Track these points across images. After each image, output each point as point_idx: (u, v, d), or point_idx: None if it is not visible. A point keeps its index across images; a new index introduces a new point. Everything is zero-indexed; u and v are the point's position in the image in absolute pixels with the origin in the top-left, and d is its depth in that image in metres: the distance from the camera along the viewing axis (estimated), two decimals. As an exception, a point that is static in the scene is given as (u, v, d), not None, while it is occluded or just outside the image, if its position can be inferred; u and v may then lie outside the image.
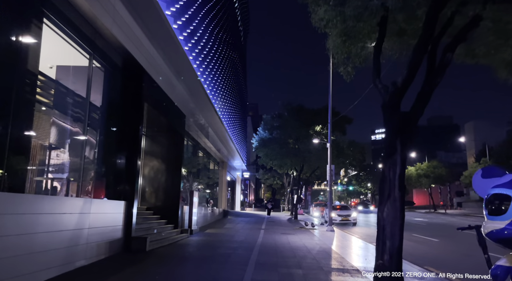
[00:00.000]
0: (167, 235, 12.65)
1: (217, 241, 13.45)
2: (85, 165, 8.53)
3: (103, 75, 8.95)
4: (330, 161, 19.61)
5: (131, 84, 10.03)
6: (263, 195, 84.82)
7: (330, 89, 19.41)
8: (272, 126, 29.11)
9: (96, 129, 8.96)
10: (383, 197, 6.06)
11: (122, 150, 9.83)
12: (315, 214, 36.98)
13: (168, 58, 12.05)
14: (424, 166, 61.20)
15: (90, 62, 8.11)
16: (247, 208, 51.67)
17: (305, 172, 32.61)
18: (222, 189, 31.93)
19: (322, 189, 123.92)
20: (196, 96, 16.33)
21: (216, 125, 22.32)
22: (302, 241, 13.74)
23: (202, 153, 23.42)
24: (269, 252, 10.60)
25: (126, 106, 9.93)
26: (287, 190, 50.22)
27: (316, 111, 28.48)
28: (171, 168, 14.79)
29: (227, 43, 28.99)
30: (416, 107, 6.05)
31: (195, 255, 9.97)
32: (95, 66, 8.55)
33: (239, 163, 41.39)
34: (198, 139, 20.94)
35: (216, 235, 15.66)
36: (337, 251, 11.31)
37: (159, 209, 14.44)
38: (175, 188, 14.62)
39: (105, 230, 8.36)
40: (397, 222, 5.90)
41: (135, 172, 9.84)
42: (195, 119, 18.00)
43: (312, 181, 47.28)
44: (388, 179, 5.99)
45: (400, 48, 7.59)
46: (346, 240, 15.37)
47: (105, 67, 9.06)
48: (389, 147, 6.03)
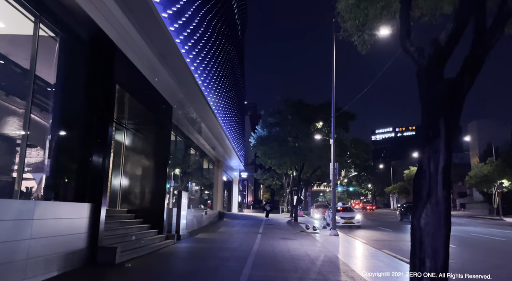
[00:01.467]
0: (149, 242, 10.95)
1: (207, 248, 11.76)
2: (30, 158, 6.81)
3: (57, 46, 7.25)
4: (333, 159, 17.93)
5: (98, 61, 8.34)
6: (262, 196, 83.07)
7: (333, 74, 17.69)
8: (270, 123, 27.40)
9: (46, 111, 7.25)
10: (419, 199, 4.39)
11: (87, 140, 8.14)
12: (316, 216, 35.28)
13: (148, 37, 10.37)
14: (427, 166, 59.60)
15: (36, 27, 6.41)
16: (245, 209, 49.94)
17: (305, 172, 30.92)
18: (217, 189, 30.23)
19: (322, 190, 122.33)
20: (186, 85, 14.65)
21: (210, 120, 20.63)
22: (304, 248, 12.06)
23: (194, 151, 21.72)
24: (265, 263, 8.92)
25: (91, 87, 8.25)
26: (286, 191, 48.52)
27: (317, 107, 26.81)
28: (157, 166, 13.11)
29: (223, 33, 27.29)
30: (464, 73, 4.38)
31: (175, 269, 8.27)
32: (46, 34, 6.87)
33: (236, 162, 39.69)
34: (189, 135, 19.25)
35: (207, 241, 13.97)
36: (346, 261, 9.62)
37: (142, 212, 12.76)
38: (161, 189, 12.94)
39: (58, 240, 6.67)
40: (441, 233, 4.23)
41: (103, 168, 8.14)
42: (185, 112, 16.31)
43: (313, 182, 45.61)
44: (427, 173, 4.32)
45: (432, 7, 5.94)
46: (353, 247, 13.68)
47: (61, 36, 7.36)
48: (428, 129, 4.35)
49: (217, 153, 27.87)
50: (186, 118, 17.00)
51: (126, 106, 12.71)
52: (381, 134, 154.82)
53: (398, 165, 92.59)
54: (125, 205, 13.00)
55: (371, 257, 10.74)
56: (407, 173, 64.16)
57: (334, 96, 18.01)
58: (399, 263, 9.59)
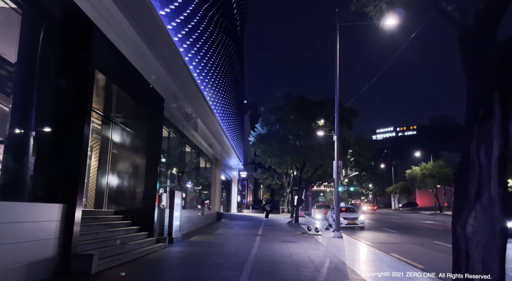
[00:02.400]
0: (135, 246, 9.91)
1: (200, 253, 10.72)
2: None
3: (20, 20, 6.19)
4: (337, 156, 16.89)
5: (73, 42, 7.30)
6: (262, 196, 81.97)
7: (337, 64, 16.62)
8: (270, 120, 26.31)
9: (6, 95, 6.20)
10: (465, 199, 3.35)
11: (60, 133, 7.10)
12: (318, 217, 34.23)
13: (134, 19, 9.34)
14: (430, 166, 58.57)
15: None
16: (245, 209, 48.86)
17: (306, 171, 29.87)
18: (215, 189, 29.14)
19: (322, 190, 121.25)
20: (179, 77, 13.61)
21: (207, 116, 19.58)
22: (307, 253, 11.02)
23: (190, 148, 20.65)
24: (264, 271, 7.89)
25: (64, 71, 7.21)
26: (286, 190, 47.47)
27: (319, 103, 25.73)
28: (147, 163, 12.08)
29: (221, 26, 26.20)
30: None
31: (160, 279, 7.22)
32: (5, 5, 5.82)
33: (235, 161, 38.62)
34: (185, 131, 18.20)
35: (201, 244, 12.93)
36: (355, 269, 8.59)
37: (131, 213, 11.74)
38: (151, 188, 11.90)
39: (19, 248, 5.63)
40: (496, 244, 3.20)
41: (79, 164, 7.09)
42: (179, 106, 15.27)
43: (314, 181, 44.54)
44: (476, 165, 3.28)
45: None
46: (361, 251, 12.64)
47: (26, 9, 6.30)
48: (478, 107, 3.32)
49: (215, 151, 26.81)
50: (181, 113, 15.96)
51: (114, 97, 11.68)
52: (382, 134, 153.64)
53: (399, 165, 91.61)
54: (113, 205, 11.97)
55: (380, 262, 9.70)
56: (409, 173, 63.01)
57: (337, 87, 16.97)
58: (412, 269, 8.57)
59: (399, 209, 78.64)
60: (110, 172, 12.10)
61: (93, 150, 12.81)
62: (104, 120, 12.17)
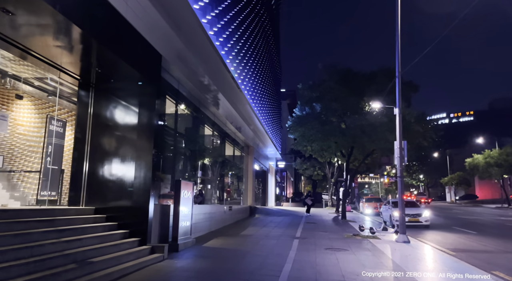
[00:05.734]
0: (111, 262, 6.65)
1: (209, 271, 7.28)
2: None
3: None
4: (400, 134, 12.74)
5: None
6: (303, 188, 77.84)
7: (398, 15, 12.36)
8: (310, 98, 22.26)
9: None
10: None
11: None
12: (367, 212, 29.76)
13: None
14: (495, 154, 51.35)
15: None
16: (284, 203, 45.17)
17: (352, 160, 25.58)
18: (248, 180, 25.69)
19: (367, 182, 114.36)
20: (185, 30, 10.17)
21: (231, 90, 16.07)
22: (368, 271, 7.23)
23: (211, 130, 17.28)
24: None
25: None
26: (330, 182, 43.16)
27: (369, 76, 21.29)
28: (139, 145, 8.81)
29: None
30: None
31: None
32: None
33: (272, 150, 34.93)
34: (201, 107, 14.84)
35: (216, 253, 9.50)
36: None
37: (118, 212, 8.58)
38: (144, 179, 8.61)
39: None
40: None
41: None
42: (189, 71, 11.83)
43: (362, 171, 39.84)
44: None
45: None
46: (447, 267, 8.52)
47: None
48: None
49: (246, 136, 23.27)
50: (193, 82, 12.53)
51: (93, 54, 8.39)
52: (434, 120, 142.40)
53: (454, 154, 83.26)
54: (95, 202, 8.84)
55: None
56: (469, 162, 55.99)
57: (399, 45, 12.70)
58: None
59: (455, 201, 71.17)
60: (89, 155, 8.96)
61: (66, 126, 9.71)
62: (81, 85, 9.03)
